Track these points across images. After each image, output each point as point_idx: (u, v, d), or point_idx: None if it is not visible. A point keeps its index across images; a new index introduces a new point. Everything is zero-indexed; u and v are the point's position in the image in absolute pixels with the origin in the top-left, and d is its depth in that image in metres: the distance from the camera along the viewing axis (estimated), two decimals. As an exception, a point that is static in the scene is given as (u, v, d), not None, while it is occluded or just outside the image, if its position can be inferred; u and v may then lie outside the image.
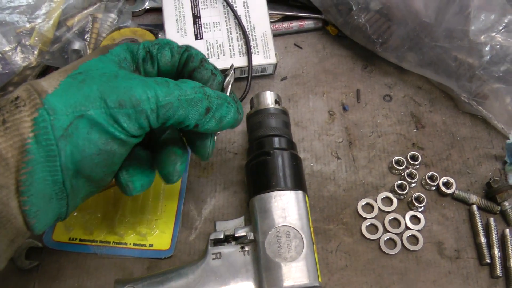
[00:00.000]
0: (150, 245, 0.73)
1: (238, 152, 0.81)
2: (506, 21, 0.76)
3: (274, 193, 0.67)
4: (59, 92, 0.50)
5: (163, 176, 0.62)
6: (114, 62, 0.55)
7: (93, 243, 0.73)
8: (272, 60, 0.85)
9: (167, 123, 0.54)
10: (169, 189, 0.77)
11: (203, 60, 0.62)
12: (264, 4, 0.89)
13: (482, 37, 0.77)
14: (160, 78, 0.55)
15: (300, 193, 0.68)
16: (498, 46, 0.77)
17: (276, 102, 0.76)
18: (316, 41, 0.94)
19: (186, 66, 0.61)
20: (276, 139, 0.72)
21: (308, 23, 0.93)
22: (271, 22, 0.92)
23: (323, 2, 0.87)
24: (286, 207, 0.67)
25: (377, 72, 0.90)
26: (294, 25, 0.93)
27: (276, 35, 0.92)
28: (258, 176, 0.70)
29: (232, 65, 0.67)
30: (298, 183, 0.69)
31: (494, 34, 0.77)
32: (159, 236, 0.74)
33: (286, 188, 0.68)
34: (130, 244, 0.74)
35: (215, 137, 0.64)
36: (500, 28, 0.78)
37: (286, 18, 0.94)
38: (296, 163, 0.71)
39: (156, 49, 0.60)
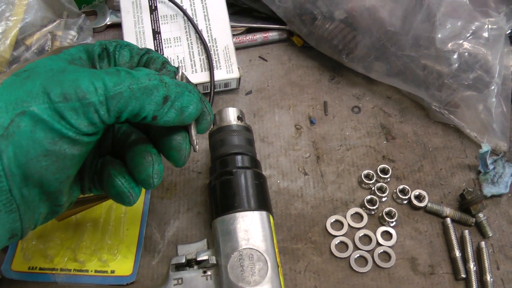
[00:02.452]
0: (112, 271, 0.72)
1: (202, 171, 0.79)
2: (473, 27, 0.76)
3: (236, 214, 0.66)
4: (0, 90, 0.46)
5: (142, 182, 0.57)
6: (65, 60, 0.51)
7: (53, 272, 0.71)
8: (235, 74, 0.84)
9: (121, 116, 0.49)
10: (131, 212, 0.76)
11: (165, 62, 0.58)
12: (226, 17, 0.88)
13: (449, 44, 0.76)
14: (112, 68, 0.51)
15: (264, 213, 0.67)
16: (466, 53, 0.76)
17: (239, 118, 0.74)
18: (281, 53, 0.92)
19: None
20: (238, 158, 0.71)
21: (272, 35, 0.92)
22: (235, 35, 0.91)
23: (286, 12, 0.86)
24: (249, 228, 0.65)
25: (345, 83, 0.89)
26: (258, 37, 0.92)
27: (240, 48, 0.91)
28: (220, 196, 0.69)
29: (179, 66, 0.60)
30: (262, 203, 0.68)
31: (461, 41, 0.76)
32: (121, 262, 0.72)
33: (249, 208, 0.66)
34: (91, 271, 0.72)
35: (194, 139, 0.58)
36: (468, 35, 0.77)
37: (250, 30, 0.93)
38: (259, 181, 0.70)
39: (113, 46, 0.57)
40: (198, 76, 0.83)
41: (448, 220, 0.75)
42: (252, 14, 0.93)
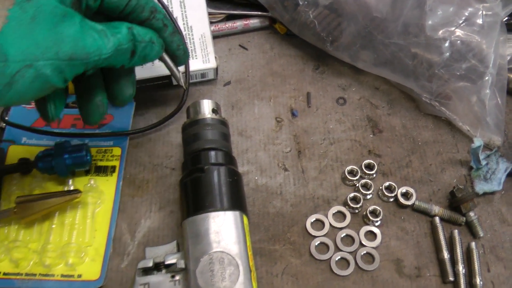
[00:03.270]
0: (79, 276, 0.68)
1: (175, 167, 0.75)
2: (466, 14, 0.71)
3: (207, 215, 0.62)
4: (9, 32, 0.48)
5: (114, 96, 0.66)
6: None
7: (18, 277, 0.67)
8: (212, 64, 0.79)
9: (96, 68, 0.57)
10: (100, 212, 0.72)
11: (153, 9, 0.62)
12: (203, 3, 0.84)
13: (440, 32, 0.72)
14: (97, 24, 0.56)
15: (237, 213, 0.63)
16: (458, 42, 0.71)
17: (214, 111, 0.70)
18: (263, 41, 0.88)
19: (135, 14, 0.61)
20: (212, 153, 0.67)
21: (253, 22, 0.87)
22: (213, 23, 0.86)
23: (266, -2, 0.81)
24: (220, 230, 0.61)
25: (330, 73, 0.84)
26: (239, 24, 0.87)
27: (219, 36, 0.87)
28: (190, 195, 0.65)
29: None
30: (236, 202, 0.64)
31: (453, 28, 0.71)
32: (88, 265, 0.69)
33: (221, 208, 0.62)
34: (57, 275, 0.68)
35: (177, 73, 0.70)
36: (460, 21, 0.72)
37: (230, 17, 0.88)
38: (233, 179, 0.66)
39: None
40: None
41: (437, 219, 0.71)
42: (232, 0, 0.87)
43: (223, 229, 0.61)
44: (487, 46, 0.71)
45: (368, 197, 0.73)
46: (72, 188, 0.73)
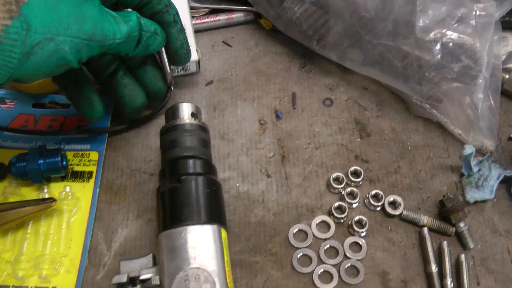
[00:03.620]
0: (53, 288, 0.65)
1: (154, 172, 0.72)
2: (459, 14, 0.67)
3: (184, 228, 0.59)
4: (35, 4, 0.49)
5: None
6: None
7: (-11, 289, 0.65)
8: (194, 57, 0.75)
9: (106, 52, 0.60)
10: (76, 220, 0.69)
11: (168, 4, 0.65)
12: None
13: (431, 33, 0.68)
14: (112, 12, 0.58)
15: (215, 227, 0.60)
16: (450, 43, 0.67)
17: (193, 115, 0.67)
18: (247, 37, 0.84)
19: (150, 5, 0.64)
20: (190, 162, 0.64)
21: (238, 16, 0.84)
22: (196, 17, 0.82)
23: (251, -8, 0.77)
24: (197, 245, 0.58)
25: (317, 72, 0.80)
26: (222, 18, 0.83)
27: (201, 30, 0.83)
28: (167, 207, 0.62)
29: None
30: (214, 215, 0.61)
31: (445, 30, 0.67)
32: (63, 277, 0.66)
33: (198, 221, 0.59)
34: (31, 287, 0.65)
35: (167, 71, 0.72)
36: (453, 22, 0.68)
37: (213, 12, 0.84)
38: (212, 190, 0.63)
39: None
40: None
41: (425, 230, 0.68)
42: (216, -7, 0.83)
43: (200, 244, 0.58)
44: (480, 48, 0.67)
45: (354, 205, 0.70)
46: (47, 195, 0.70)
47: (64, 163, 0.69)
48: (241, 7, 0.83)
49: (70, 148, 0.74)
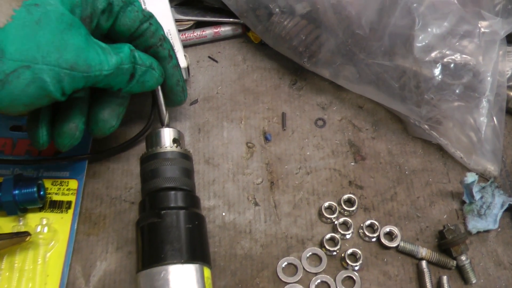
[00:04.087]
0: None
1: (135, 201, 0.68)
2: (461, 32, 0.62)
3: (163, 268, 0.55)
4: (11, 30, 0.47)
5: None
6: (69, 3, 0.53)
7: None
8: (182, 63, 0.70)
9: (95, 86, 0.55)
10: (53, 254, 0.65)
11: (162, 38, 0.62)
12: None
13: (432, 53, 0.62)
14: (101, 42, 0.55)
15: (197, 266, 0.56)
16: (451, 64, 0.62)
17: (175, 142, 0.62)
18: (235, 52, 0.79)
19: (143, 38, 0.61)
20: (171, 194, 0.59)
21: (225, 30, 0.78)
22: (181, 31, 0.77)
23: (238, 5, 0.72)
24: (178, 286, 0.54)
25: (308, 89, 0.75)
26: (208, 32, 0.78)
27: (186, 46, 0.77)
28: (146, 244, 0.57)
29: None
30: (196, 253, 0.57)
31: (446, 49, 0.61)
32: (39, 315, 0.62)
33: (179, 260, 0.55)
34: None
35: (163, 111, 0.66)
36: (455, 40, 0.63)
37: (199, 25, 0.79)
38: (194, 224, 0.58)
39: (119, 6, 0.58)
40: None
41: (424, 263, 0.63)
42: (201, 5, 0.78)
43: (181, 285, 0.54)
44: (484, 68, 0.62)
45: (348, 236, 0.66)
46: (23, 227, 0.66)
47: (41, 193, 0.65)
48: (228, 20, 0.77)
49: (48, 175, 0.69)
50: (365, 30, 0.63)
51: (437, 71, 0.62)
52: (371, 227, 0.66)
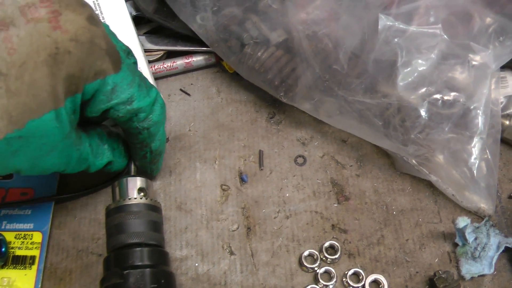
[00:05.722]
0: None
1: (103, 253, 0.63)
2: (449, 67, 0.56)
3: (124, 336, 0.50)
4: None
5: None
6: (68, 122, 0.49)
7: None
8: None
9: None
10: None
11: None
12: (127, 17, 0.69)
13: (419, 91, 0.56)
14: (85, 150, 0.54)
15: (163, 332, 0.51)
16: (439, 101, 0.56)
17: (142, 191, 0.57)
18: (208, 83, 0.73)
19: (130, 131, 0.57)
20: (135, 252, 0.55)
21: (197, 60, 0.73)
22: (150, 62, 0.71)
23: (208, 35, 0.66)
24: None
25: (287, 123, 0.70)
26: (179, 63, 0.72)
27: (157, 78, 0.72)
28: (108, 308, 0.53)
29: None
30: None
31: (433, 87, 0.56)
32: None
33: (142, 327, 0.51)
34: None
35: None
36: (443, 76, 0.57)
37: (170, 54, 0.73)
38: (160, 284, 0.53)
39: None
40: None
41: (413, 315, 0.58)
42: (171, 33, 0.72)
43: None
44: (475, 105, 0.57)
45: (330, 287, 0.60)
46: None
47: (3, 250, 0.61)
48: (201, 49, 0.72)
49: (12, 228, 0.64)
50: (343, 66, 0.58)
51: (423, 110, 0.57)
52: (356, 276, 0.61)
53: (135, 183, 0.58)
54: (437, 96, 0.57)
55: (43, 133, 0.46)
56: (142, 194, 0.58)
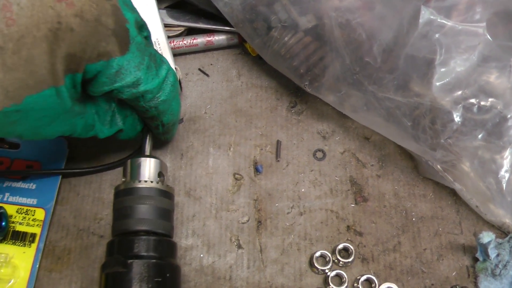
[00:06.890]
0: None
1: (105, 234, 0.61)
2: (489, 70, 0.51)
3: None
4: None
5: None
6: (68, 97, 0.46)
7: None
8: None
9: None
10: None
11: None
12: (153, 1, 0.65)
13: (454, 93, 0.52)
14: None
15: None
16: (475, 107, 0.52)
17: (161, 175, 0.55)
18: (229, 65, 0.69)
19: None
20: (141, 240, 0.51)
21: (219, 39, 0.69)
22: (169, 37, 0.67)
23: (233, 14, 0.62)
24: None
25: (309, 114, 0.66)
26: (200, 41, 0.68)
27: (175, 54, 0.68)
28: (107, 297, 0.50)
29: None
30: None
31: (470, 90, 0.51)
32: None
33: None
34: None
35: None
36: (481, 80, 0.53)
37: (190, 32, 0.69)
38: (164, 278, 0.51)
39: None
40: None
41: (425, 329, 0.54)
42: (194, 9, 0.68)
43: None
44: (512, 114, 0.52)
45: (341, 292, 0.57)
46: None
47: (3, 223, 0.58)
48: (223, 28, 0.68)
49: (14, 201, 0.62)
50: (376, 59, 0.54)
51: (457, 114, 0.53)
52: (369, 282, 0.57)
53: (154, 166, 0.55)
54: (473, 100, 0.53)
55: (42, 107, 0.45)
56: (155, 178, 0.54)
